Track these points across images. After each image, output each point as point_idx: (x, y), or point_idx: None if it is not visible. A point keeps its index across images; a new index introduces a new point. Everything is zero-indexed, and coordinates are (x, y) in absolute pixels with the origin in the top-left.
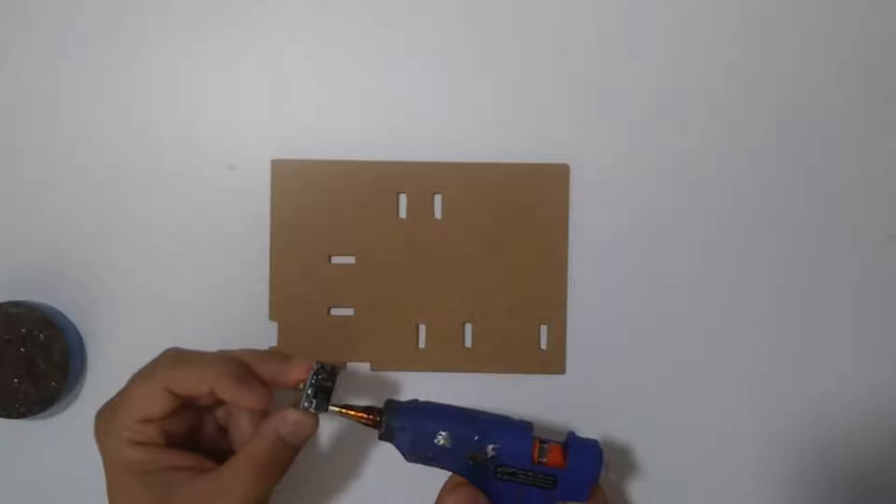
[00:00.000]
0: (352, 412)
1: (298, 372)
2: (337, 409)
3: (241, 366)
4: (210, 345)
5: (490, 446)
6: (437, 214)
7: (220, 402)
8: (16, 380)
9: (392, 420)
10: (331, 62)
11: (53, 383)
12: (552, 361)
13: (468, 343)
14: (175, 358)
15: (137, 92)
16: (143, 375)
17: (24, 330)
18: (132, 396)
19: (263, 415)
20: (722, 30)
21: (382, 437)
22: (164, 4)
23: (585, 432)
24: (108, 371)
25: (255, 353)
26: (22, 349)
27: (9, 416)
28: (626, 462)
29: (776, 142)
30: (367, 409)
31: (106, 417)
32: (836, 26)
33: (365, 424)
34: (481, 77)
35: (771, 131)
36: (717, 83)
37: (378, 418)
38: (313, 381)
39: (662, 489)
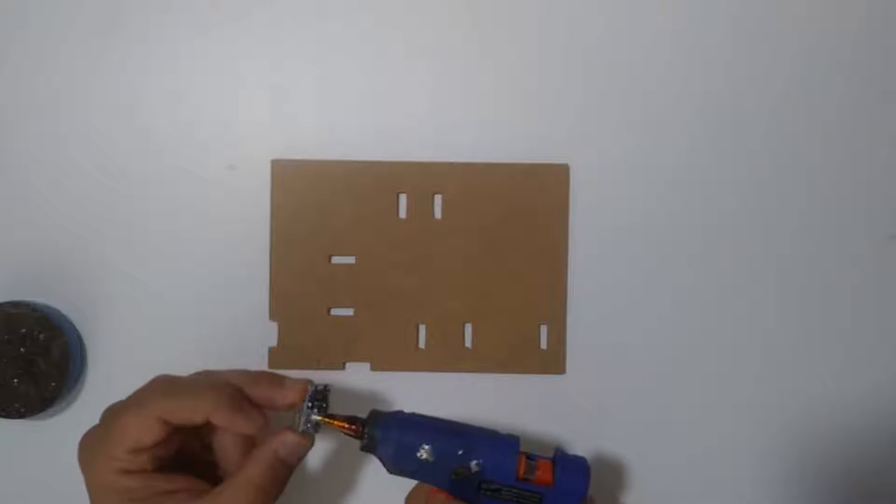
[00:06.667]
0: (335, 421)
1: (294, 395)
2: (319, 417)
3: (235, 391)
4: (210, 345)
5: (474, 462)
6: (437, 214)
7: (209, 424)
8: (16, 380)
9: (374, 431)
10: (331, 62)
11: (53, 383)
12: (552, 361)
13: (468, 343)
14: (167, 386)
15: (137, 92)
16: (134, 405)
17: (23, 330)
18: (124, 427)
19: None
20: (722, 30)
21: (364, 449)
22: (164, 4)
23: (585, 432)
24: (108, 371)
25: (247, 376)
26: (22, 349)
27: (9, 416)
28: (625, 461)
29: (776, 142)
30: (349, 419)
31: (93, 446)
32: (836, 26)
33: (347, 434)
34: (481, 77)
35: (770, 131)
36: (716, 83)
37: (361, 429)
38: (310, 403)
39: (662, 488)
